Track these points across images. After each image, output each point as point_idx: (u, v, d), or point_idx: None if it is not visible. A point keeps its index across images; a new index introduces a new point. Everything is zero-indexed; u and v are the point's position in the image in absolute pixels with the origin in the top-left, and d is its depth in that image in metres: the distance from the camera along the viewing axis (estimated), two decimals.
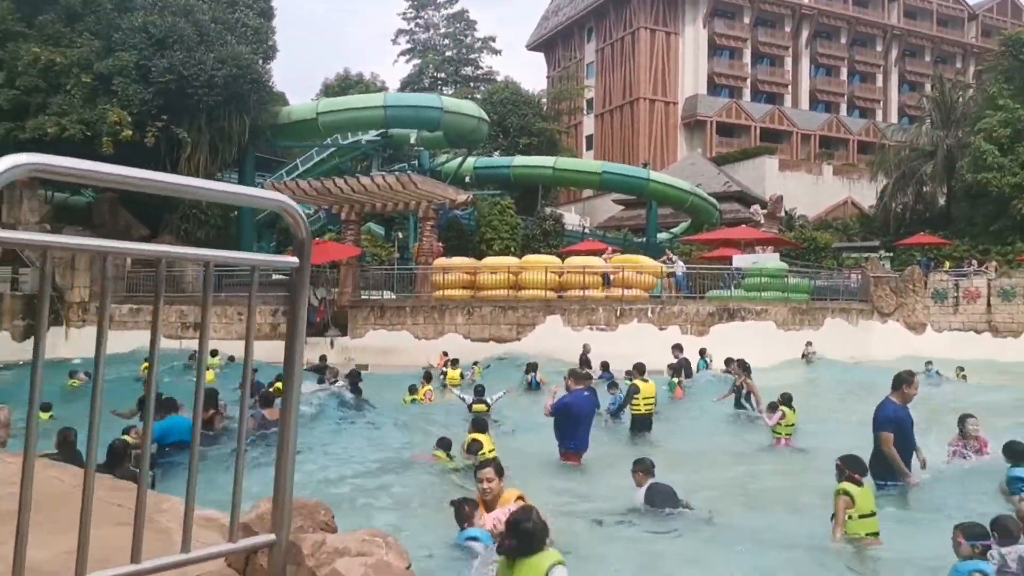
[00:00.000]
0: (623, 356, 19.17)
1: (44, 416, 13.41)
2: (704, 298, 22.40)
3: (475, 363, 18.81)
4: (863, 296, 26.43)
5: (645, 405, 11.62)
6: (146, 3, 27.63)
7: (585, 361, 17.78)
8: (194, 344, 23.72)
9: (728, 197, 45.03)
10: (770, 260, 24.24)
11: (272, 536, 2.01)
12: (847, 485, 6.20)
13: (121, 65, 25.50)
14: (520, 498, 5.50)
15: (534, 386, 16.25)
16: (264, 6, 31.31)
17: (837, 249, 38.65)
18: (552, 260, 24.34)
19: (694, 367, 17.47)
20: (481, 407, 11.86)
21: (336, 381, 14.83)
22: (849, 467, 6.37)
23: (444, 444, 9.42)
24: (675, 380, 14.64)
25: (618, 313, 21.29)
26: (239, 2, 29.51)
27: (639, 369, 12.20)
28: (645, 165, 43.00)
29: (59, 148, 25.63)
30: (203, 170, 27.95)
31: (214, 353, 19.18)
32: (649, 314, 21.24)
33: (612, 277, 22.38)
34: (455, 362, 18.35)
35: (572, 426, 9.39)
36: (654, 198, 38.78)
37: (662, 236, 41.53)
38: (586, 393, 9.64)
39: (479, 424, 9.66)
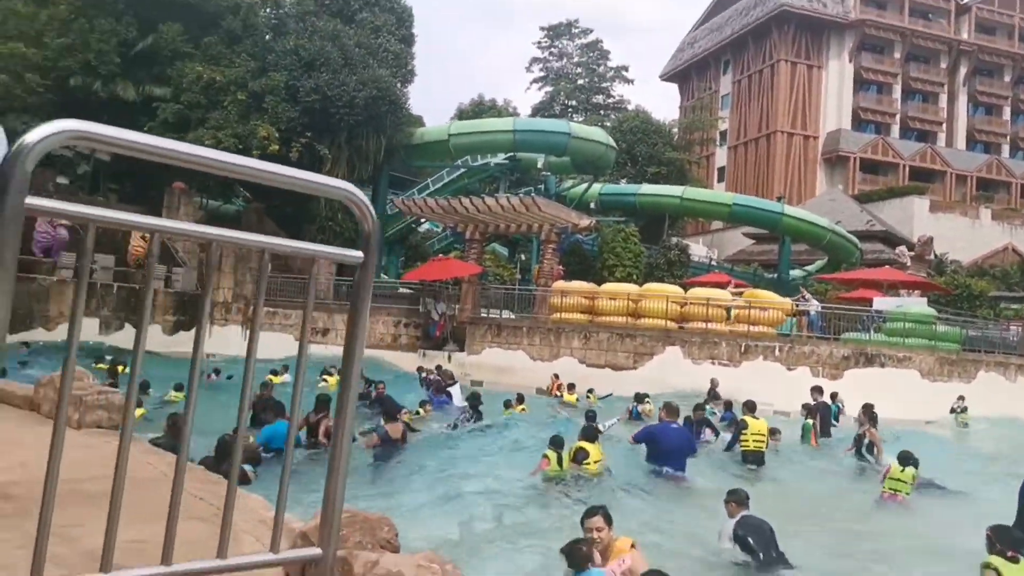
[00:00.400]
0: (746, 394, 18.23)
1: (177, 396, 14.45)
2: (839, 340, 20.92)
3: (589, 391, 18.35)
4: None
5: (755, 441, 11.28)
6: (298, 28, 29.45)
7: (714, 395, 17.02)
8: (320, 348, 24.69)
9: (871, 236, 42.31)
10: (916, 304, 22.38)
11: (318, 551, 1.79)
12: (996, 559, 5.30)
13: (273, 85, 27.23)
14: (633, 546, 5.11)
15: (635, 415, 15.64)
16: (406, 33, 32.63)
17: (994, 298, 35.29)
18: (674, 289, 23.56)
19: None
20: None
21: (449, 384, 15.15)
22: (1000, 539, 5.46)
23: (556, 443, 9.17)
24: (810, 422, 13.50)
25: (743, 349, 20.24)
26: (382, 29, 30.87)
27: (749, 407, 12.06)
28: (780, 199, 41.13)
29: None
30: None
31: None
32: (776, 352, 20.05)
33: (735, 311, 21.36)
34: (571, 386, 18.02)
35: (660, 458, 9.64)
36: (788, 233, 36.95)
37: (795, 273, 39.49)
38: (674, 425, 9.91)
39: (588, 433, 9.66)
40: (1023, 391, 22.63)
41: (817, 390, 16.25)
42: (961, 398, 19.24)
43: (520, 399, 15.97)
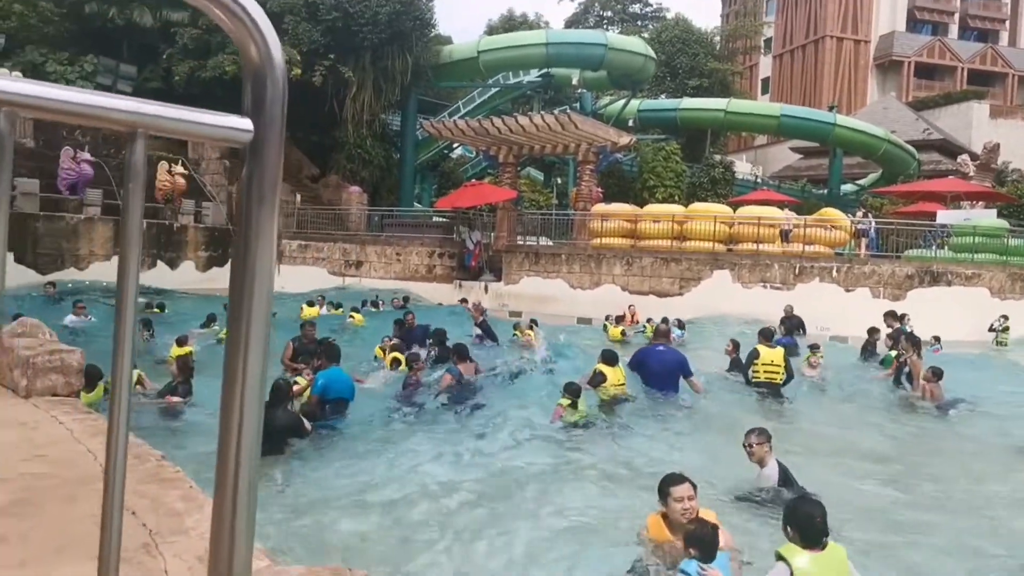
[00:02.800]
0: (803, 318, 17.27)
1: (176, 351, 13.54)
2: (901, 258, 19.57)
3: (648, 320, 17.48)
4: None
5: (766, 372, 10.37)
6: None
7: (796, 322, 16.15)
8: (354, 282, 24.14)
9: (927, 146, 39.96)
10: (985, 216, 20.79)
11: None
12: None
13: (291, 3, 25.83)
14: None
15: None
16: None
17: None
18: (722, 209, 22.26)
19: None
20: None
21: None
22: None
23: (572, 391, 8.36)
24: (892, 354, 12.31)
25: (796, 271, 19.04)
26: None
27: (763, 334, 11.01)
28: (831, 108, 38.75)
29: (237, 85, 26.43)
30: (367, 110, 28.11)
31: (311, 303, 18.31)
32: (834, 273, 18.82)
33: (792, 232, 20.06)
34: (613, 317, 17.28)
35: (652, 383, 9.45)
36: (840, 145, 34.89)
37: (847, 188, 37.58)
38: (660, 348, 9.72)
39: (608, 356, 9.25)
40: None
41: (892, 315, 15.10)
42: (1004, 317, 17.79)
43: (531, 324, 15.47)
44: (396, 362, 10.47)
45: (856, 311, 17.76)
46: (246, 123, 0.87)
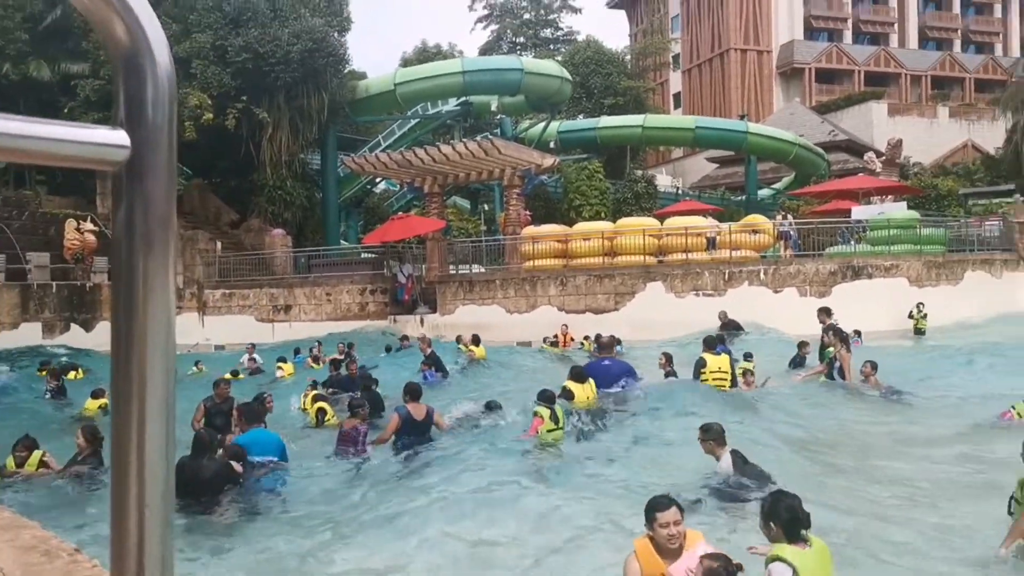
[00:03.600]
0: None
1: (92, 405, 12.88)
2: (823, 255, 20.21)
3: (586, 337, 17.45)
4: (1006, 245, 23.41)
5: (715, 379, 10.24)
6: None
7: (732, 325, 16.33)
8: (283, 328, 23.40)
9: (835, 147, 41.70)
10: (897, 210, 21.69)
11: None
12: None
13: (198, 47, 25.18)
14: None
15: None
16: None
17: (963, 196, 34.98)
18: (649, 222, 22.60)
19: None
20: None
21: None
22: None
23: (546, 397, 8.07)
24: (831, 350, 12.19)
25: (726, 277, 19.42)
26: None
27: (707, 343, 10.88)
28: (742, 117, 40.13)
29: None
30: (285, 150, 27.54)
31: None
32: (761, 276, 19.27)
33: (718, 239, 20.48)
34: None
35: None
36: (753, 152, 36.07)
37: (763, 192, 38.79)
38: (606, 362, 9.60)
39: (576, 373, 9.11)
40: (1009, 287, 22.32)
41: (825, 312, 15.38)
42: (921, 304, 18.49)
43: (475, 340, 15.68)
44: (322, 412, 9.91)
45: (785, 310, 18.21)
46: (118, 136, 0.62)
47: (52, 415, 11.86)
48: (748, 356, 12.50)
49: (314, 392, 10.95)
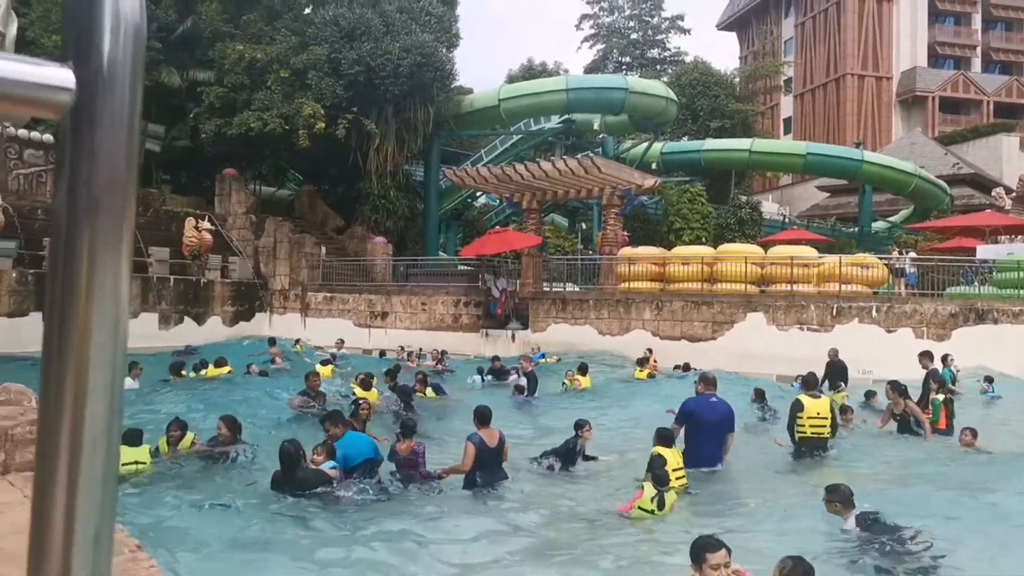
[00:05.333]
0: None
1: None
2: (943, 296, 18.86)
3: (677, 366, 16.97)
4: None
5: (812, 427, 9.27)
6: None
7: (837, 367, 15.29)
8: (379, 333, 23.85)
9: (959, 181, 39.25)
10: None
11: None
12: None
13: (314, 59, 26.18)
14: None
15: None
16: None
17: None
18: (753, 249, 21.76)
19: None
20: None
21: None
22: None
23: (659, 478, 7.00)
24: (940, 398, 11.46)
25: (834, 312, 18.39)
26: None
27: (807, 383, 9.89)
28: (858, 144, 38.31)
29: (263, 142, 26.95)
30: (390, 161, 28.22)
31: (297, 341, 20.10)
32: (873, 313, 18.14)
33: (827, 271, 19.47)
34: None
35: (693, 436, 8.58)
36: (869, 182, 34.32)
37: (878, 225, 36.84)
38: (713, 399, 8.75)
39: (665, 436, 7.96)
40: None
41: (927, 355, 14.38)
42: (947, 356, 16.43)
43: (583, 369, 15.34)
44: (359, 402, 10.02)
45: (898, 352, 17.02)
46: (61, 75, 0.47)
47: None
48: (896, 384, 11.28)
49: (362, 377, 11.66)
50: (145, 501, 6.69)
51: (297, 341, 22.39)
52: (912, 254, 22.00)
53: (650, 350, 18.46)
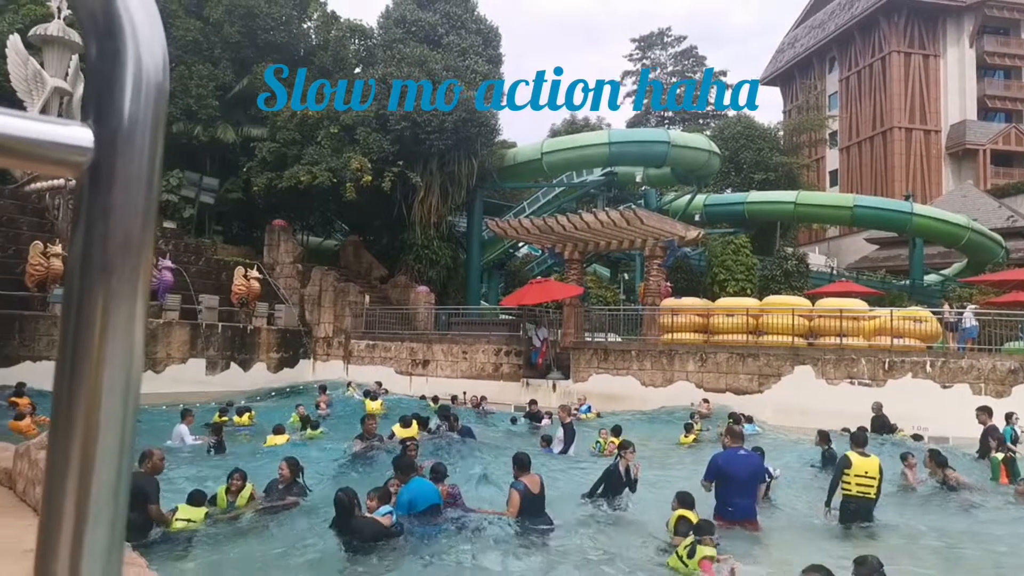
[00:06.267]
0: (894, 418, 16.00)
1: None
2: (1001, 351, 18.16)
3: (731, 415, 16.42)
4: None
5: (858, 486, 8.79)
6: (385, 57, 29.21)
7: (882, 422, 14.83)
8: (420, 381, 23.90)
9: (1014, 234, 38.15)
10: None
11: None
12: None
13: (363, 116, 27.00)
14: None
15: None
16: (493, 54, 31.92)
17: None
18: (800, 301, 21.35)
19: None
20: None
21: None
22: None
23: (701, 528, 6.84)
24: (999, 456, 11.05)
25: (886, 366, 17.83)
26: (469, 51, 30.27)
27: (856, 440, 9.32)
28: (908, 197, 37.67)
29: (312, 194, 27.73)
30: (434, 212, 28.71)
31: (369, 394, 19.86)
32: (928, 368, 17.54)
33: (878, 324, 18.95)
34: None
35: (725, 491, 8.40)
36: (919, 234, 33.61)
37: (931, 278, 35.90)
38: (742, 452, 8.64)
39: (685, 499, 7.85)
40: None
41: (985, 411, 13.79)
42: (1012, 414, 15.65)
43: (616, 431, 13.66)
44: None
45: (955, 409, 16.38)
46: (80, 134, 0.47)
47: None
48: (936, 453, 10.86)
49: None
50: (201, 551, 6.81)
51: (349, 384, 22.92)
52: (974, 307, 21.28)
53: (706, 400, 18.13)
